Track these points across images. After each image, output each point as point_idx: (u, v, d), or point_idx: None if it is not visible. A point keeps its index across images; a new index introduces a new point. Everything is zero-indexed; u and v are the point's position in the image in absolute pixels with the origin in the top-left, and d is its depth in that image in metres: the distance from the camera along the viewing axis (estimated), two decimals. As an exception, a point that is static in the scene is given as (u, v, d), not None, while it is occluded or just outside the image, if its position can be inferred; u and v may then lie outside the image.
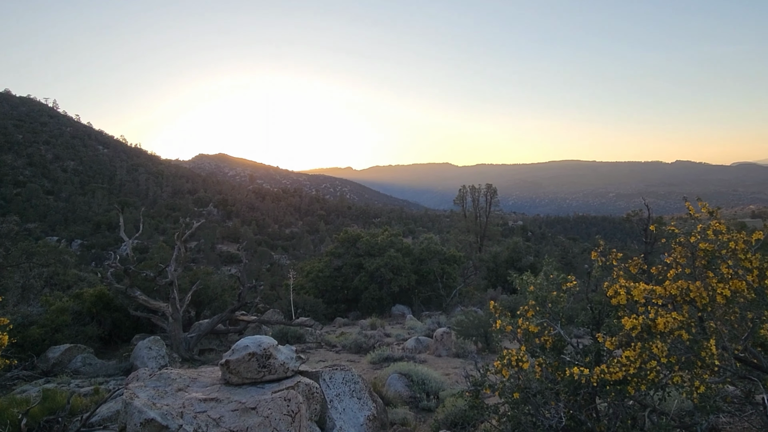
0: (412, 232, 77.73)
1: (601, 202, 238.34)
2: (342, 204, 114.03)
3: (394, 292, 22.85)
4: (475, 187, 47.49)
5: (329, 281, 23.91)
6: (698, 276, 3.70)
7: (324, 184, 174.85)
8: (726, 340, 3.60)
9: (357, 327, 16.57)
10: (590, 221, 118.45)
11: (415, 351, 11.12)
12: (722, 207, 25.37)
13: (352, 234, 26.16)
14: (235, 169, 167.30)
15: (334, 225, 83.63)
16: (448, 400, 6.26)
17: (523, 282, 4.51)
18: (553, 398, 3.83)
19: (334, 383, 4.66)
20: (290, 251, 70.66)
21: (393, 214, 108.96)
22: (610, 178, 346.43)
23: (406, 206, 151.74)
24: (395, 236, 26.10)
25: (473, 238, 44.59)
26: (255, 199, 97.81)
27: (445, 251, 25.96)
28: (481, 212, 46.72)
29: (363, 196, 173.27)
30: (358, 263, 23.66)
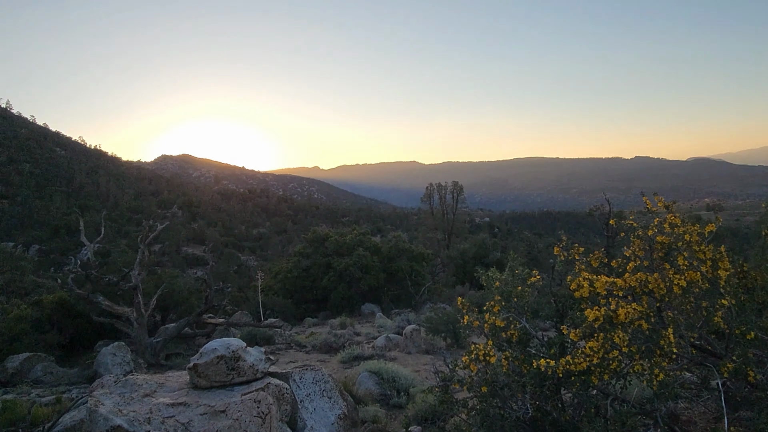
0: (381, 230, 77.80)
1: (564, 197, 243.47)
2: (310, 204, 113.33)
3: (364, 291, 22.87)
4: (442, 184, 47.90)
5: (298, 282, 23.76)
6: (656, 268, 3.83)
7: (291, 184, 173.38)
8: (683, 329, 3.75)
9: (327, 327, 16.53)
10: (554, 217, 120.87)
11: (385, 349, 11.16)
12: (679, 201, 26.54)
13: (321, 234, 26.06)
14: (200, 170, 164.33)
15: (302, 225, 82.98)
16: (419, 396, 6.32)
17: (489, 278, 4.59)
18: (519, 390, 3.92)
19: (305, 383, 4.65)
20: (258, 252, 69.81)
21: (361, 213, 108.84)
22: (573, 174, 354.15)
23: (374, 205, 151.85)
24: (363, 235, 26.11)
25: (441, 236, 44.97)
26: (221, 200, 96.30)
27: (413, 249, 26.11)
28: (448, 210, 47.15)
29: (331, 195, 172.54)
30: (326, 263, 23.58)
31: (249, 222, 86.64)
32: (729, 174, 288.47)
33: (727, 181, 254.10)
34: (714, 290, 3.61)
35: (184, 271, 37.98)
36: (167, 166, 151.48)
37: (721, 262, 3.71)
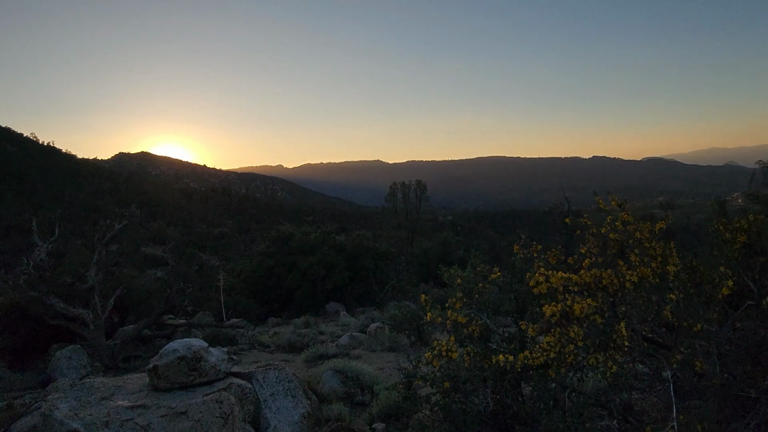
0: (346, 229, 77.51)
1: (526, 196, 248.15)
2: (274, 202, 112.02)
3: (328, 290, 22.80)
4: (406, 183, 48.13)
5: (261, 281, 23.51)
6: (610, 264, 3.98)
7: (255, 183, 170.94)
8: (635, 323, 3.90)
9: (291, 326, 16.42)
10: (516, 215, 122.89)
11: (349, 347, 11.18)
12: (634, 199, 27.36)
13: (284, 233, 25.85)
14: (160, 168, 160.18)
15: (266, 224, 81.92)
16: (383, 393, 6.37)
17: (451, 275, 4.67)
18: (481, 385, 4.01)
19: (268, 383, 4.63)
20: (220, 252, 68.52)
21: (326, 211, 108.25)
22: (534, 173, 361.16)
23: (338, 204, 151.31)
24: (328, 234, 26.03)
25: (405, 234, 45.19)
26: (181, 199, 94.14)
27: (377, 247, 26.18)
28: (412, 208, 47.41)
29: (295, 194, 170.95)
30: (290, 262, 23.40)
31: (211, 221, 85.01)
32: (680, 173, 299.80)
33: (679, 180, 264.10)
34: (663, 285, 3.77)
35: (143, 272, 36.96)
36: (125, 164, 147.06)
37: (670, 258, 3.87)
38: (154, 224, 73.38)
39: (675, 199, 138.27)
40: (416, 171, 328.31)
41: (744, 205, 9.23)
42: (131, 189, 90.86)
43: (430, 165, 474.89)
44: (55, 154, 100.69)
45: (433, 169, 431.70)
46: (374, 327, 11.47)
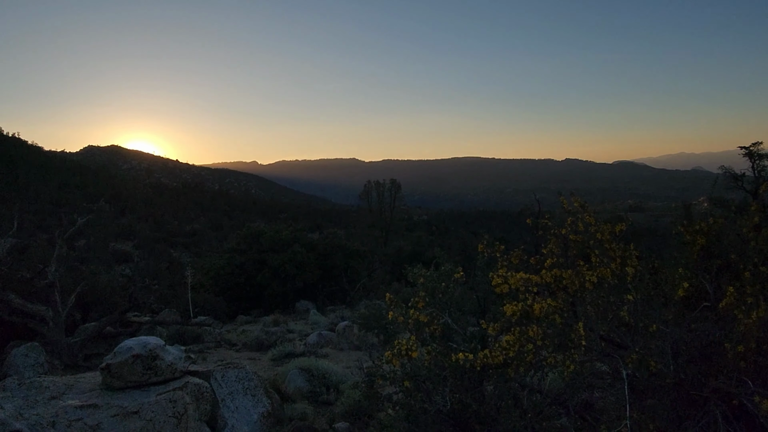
0: (320, 227, 77.22)
1: (499, 197, 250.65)
2: (247, 199, 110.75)
3: (299, 288, 22.63)
4: (381, 182, 48.16)
5: (231, 278, 23.19)
6: (571, 265, 4.01)
7: (228, 179, 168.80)
8: (593, 322, 3.94)
9: (259, 324, 16.24)
10: (490, 215, 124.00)
11: (317, 346, 11.09)
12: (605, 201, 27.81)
13: (255, 230, 25.56)
14: (130, 163, 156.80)
15: (239, 221, 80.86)
16: (347, 392, 6.33)
17: (415, 274, 4.65)
18: (441, 384, 4.00)
19: (227, 382, 4.54)
20: (191, 248, 67.40)
21: (300, 209, 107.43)
22: (508, 174, 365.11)
23: (313, 201, 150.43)
24: (300, 231, 25.84)
25: (379, 233, 45.21)
26: (152, 194, 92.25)
27: (350, 246, 26.11)
28: (386, 207, 47.46)
29: (269, 191, 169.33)
30: (261, 259, 23.15)
31: (182, 217, 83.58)
32: (650, 177, 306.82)
33: (648, 183, 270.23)
34: (622, 286, 3.81)
35: (111, 268, 36.12)
36: (95, 158, 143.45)
37: (629, 259, 3.91)
38: (123, 219, 71.85)
39: (644, 201, 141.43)
40: (392, 170, 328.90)
41: (708, 208, 9.46)
42: (100, 183, 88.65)
43: (406, 164, 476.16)
44: (20, 145, 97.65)
45: (409, 168, 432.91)
46: (343, 326, 11.42)
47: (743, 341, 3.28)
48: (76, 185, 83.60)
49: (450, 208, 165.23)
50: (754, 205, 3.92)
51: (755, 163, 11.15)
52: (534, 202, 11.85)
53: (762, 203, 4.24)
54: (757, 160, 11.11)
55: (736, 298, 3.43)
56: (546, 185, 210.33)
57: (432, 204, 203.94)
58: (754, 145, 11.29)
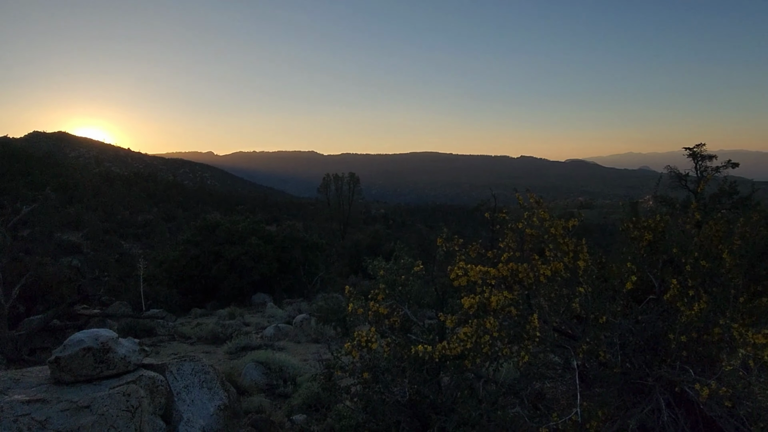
0: (277, 219, 76.35)
1: (456, 192, 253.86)
2: (202, 190, 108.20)
3: (255, 281, 22.37)
4: (339, 175, 48.04)
5: (185, 271, 22.69)
6: (526, 258, 4.13)
7: (183, 169, 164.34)
8: (547, 314, 4.07)
9: (215, 317, 15.97)
10: (447, 210, 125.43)
11: (274, 338, 11.02)
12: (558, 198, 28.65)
13: (211, 221, 25.07)
14: (78, 150, 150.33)
15: (194, 212, 78.98)
16: (305, 384, 6.33)
17: (375, 267, 4.68)
18: (399, 375, 4.06)
19: (182, 375, 4.46)
20: (143, 240, 65.42)
21: (257, 201, 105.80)
22: (465, 170, 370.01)
23: (271, 194, 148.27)
24: (257, 223, 25.51)
25: (337, 226, 45.13)
26: (102, 184, 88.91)
27: (307, 239, 25.96)
28: (345, 200, 47.41)
29: (225, 182, 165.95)
30: (217, 251, 22.74)
31: (134, 208, 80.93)
32: (599, 175, 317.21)
33: (598, 181, 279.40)
34: (573, 279, 3.95)
35: (58, 259, 34.68)
36: (40, 144, 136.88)
37: (581, 253, 4.05)
38: (71, 209, 68.99)
39: (594, 199, 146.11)
40: (351, 164, 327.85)
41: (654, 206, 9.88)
42: (46, 171, 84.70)
43: (365, 158, 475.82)
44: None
45: (368, 162, 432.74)
46: (300, 318, 11.37)
47: (685, 332, 3.47)
48: (19, 172, 79.66)
49: (408, 203, 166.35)
50: (695, 204, 4.13)
51: (698, 163, 11.70)
52: (490, 197, 12.04)
53: (703, 202, 4.47)
54: (699, 160, 11.65)
55: (678, 290, 3.61)
56: (502, 181, 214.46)
57: (390, 198, 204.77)
58: (698, 147, 11.83)
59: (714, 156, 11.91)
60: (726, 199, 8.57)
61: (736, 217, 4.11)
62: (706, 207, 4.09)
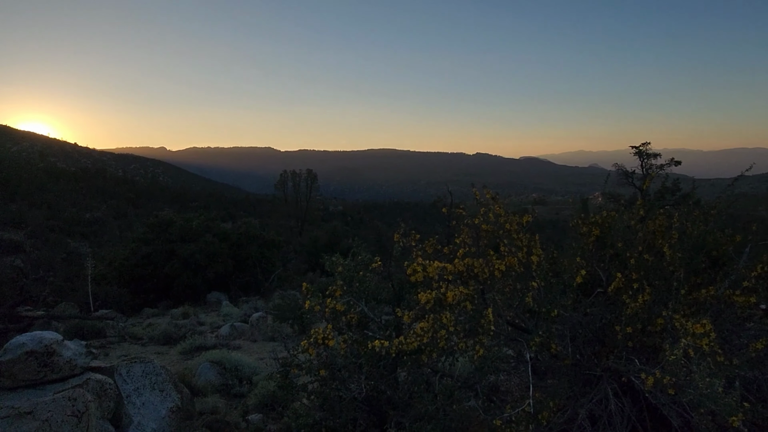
0: (233, 216, 75.07)
1: (413, 188, 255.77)
2: (155, 187, 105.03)
3: (210, 279, 21.93)
4: (297, 172, 47.60)
5: (136, 270, 22.00)
6: (482, 254, 4.20)
7: (133, 165, 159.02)
8: (501, 309, 4.16)
9: (167, 317, 15.56)
10: (404, 207, 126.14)
11: (229, 338, 10.83)
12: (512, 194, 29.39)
13: (164, 218, 24.38)
14: (21, 145, 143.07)
15: (146, 209, 76.62)
16: (261, 383, 6.26)
17: (333, 263, 4.67)
18: (356, 371, 4.06)
19: (132, 377, 4.33)
20: (92, 238, 63.02)
21: (212, 198, 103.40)
22: (422, 166, 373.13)
23: (226, 190, 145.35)
24: (212, 221, 24.99)
25: (294, 223, 44.73)
26: (47, 179, 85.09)
27: (264, 236, 25.63)
28: (302, 197, 47.04)
29: (179, 178, 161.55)
30: (170, 249, 22.15)
31: (81, 205, 77.84)
32: (552, 172, 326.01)
33: (551, 178, 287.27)
34: (527, 274, 4.05)
35: (-3, 259, 32.98)
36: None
37: (534, 248, 4.15)
38: (12, 206, 65.79)
39: (547, 195, 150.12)
40: (308, 160, 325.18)
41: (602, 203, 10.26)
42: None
43: (323, 155, 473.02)
44: None
45: (325, 159, 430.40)
46: (257, 317, 11.21)
47: (630, 323, 3.61)
48: (-46, 167, 75.35)
49: (365, 199, 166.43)
50: (640, 200, 4.30)
51: (644, 161, 12.20)
52: (446, 193, 12.19)
53: (648, 198, 4.66)
54: (645, 158, 12.15)
55: (623, 284, 3.76)
56: (458, 178, 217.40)
57: (348, 195, 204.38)
58: (643, 145, 12.34)
59: (658, 154, 12.46)
60: (669, 196, 8.97)
61: (678, 212, 4.30)
62: (651, 203, 4.26)
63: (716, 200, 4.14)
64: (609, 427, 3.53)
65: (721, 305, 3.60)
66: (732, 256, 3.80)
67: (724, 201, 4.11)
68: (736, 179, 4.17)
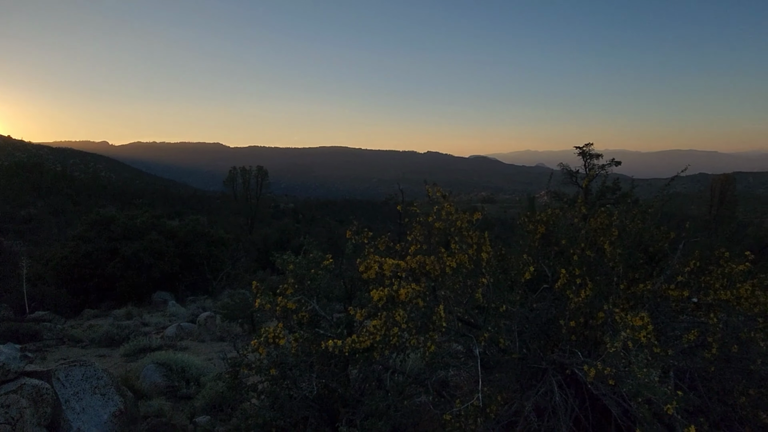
0: (180, 214, 73.03)
1: (365, 186, 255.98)
2: (96, 182, 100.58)
3: (156, 278, 21.24)
4: (247, 168, 46.71)
5: (76, 269, 21.04)
6: (433, 251, 4.25)
7: (73, 160, 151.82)
8: (452, 305, 4.22)
9: (110, 318, 14.99)
10: (356, 204, 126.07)
11: (176, 338, 10.54)
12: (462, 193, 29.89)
13: (106, 216, 23.43)
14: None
15: (86, 206, 73.31)
16: (209, 384, 6.12)
17: (284, 261, 4.61)
18: (307, 370, 4.03)
19: (72, 381, 4.14)
20: (27, 236, 59.80)
21: (158, 194, 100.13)
22: (374, 164, 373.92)
23: (172, 186, 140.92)
24: (158, 218, 24.21)
25: (244, 220, 43.92)
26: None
27: (212, 233, 25.06)
28: (252, 194, 46.20)
29: (122, 174, 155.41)
30: (112, 248, 21.31)
31: (15, 201, 73.67)
32: (501, 171, 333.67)
33: (500, 177, 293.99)
34: (477, 270, 4.13)
35: None
36: None
37: (484, 245, 4.23)
38: (-63, 202, 61.59)
39: (496, 194, 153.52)
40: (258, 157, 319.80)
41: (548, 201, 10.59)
42: None
43: (273, 152, 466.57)
44: None
45: (276, 155, 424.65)
46: (204, 316, 10.96)
47: (574, 317, 3.74)
48: None
49: (317, 197, 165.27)
50: (582, 198, 4.47)
51: (587, 161, 12.66)
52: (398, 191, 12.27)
53: (590, 197, 4.85)
54: (588, 158, 12.61)
55: (567, 279, 3.89)
56: (409, 176, 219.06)
57: (299, 192, 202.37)
58: (587, 146, 12.79)
59: (600, 155, 12.96)
60: (610, 195, 9.36)
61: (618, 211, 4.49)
62: (593, 202, 4.44)
63: (653, 199, 4.34)
64: (554, 419, 3.65)
65: (657, 299, 3.78)
66: (667, 252, 4.00)
67: (660, 200, 4.31)
68: (672, 180, 4.39)
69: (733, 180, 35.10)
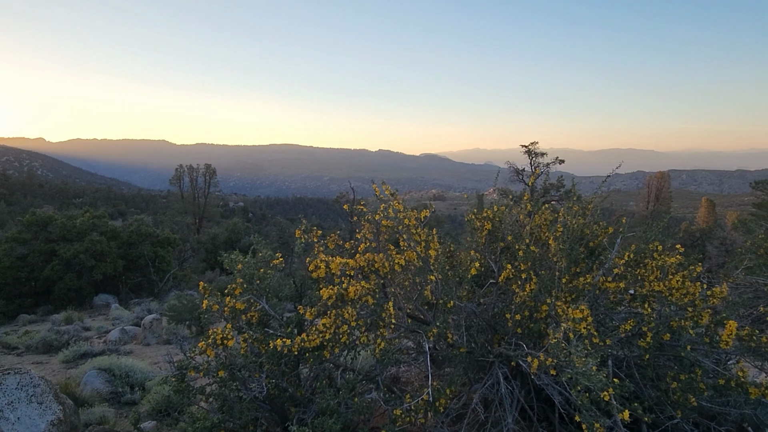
0: (123, 213, 70.39)
1: (316, 185, 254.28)
2: (31, 181, 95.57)
3: (97, 281, 20.42)
4: (194, 167, 45.48)
5: (10, 273, 19.96)
6: (382, 249, 4.29)
7: (6, 157, 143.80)
8: (401, 302, 4.27)
9: (47, 323, 14.30)
10: (307, 203, 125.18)
11: (119, 343, 10.17)
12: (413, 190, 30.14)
13: (42, 216, 22.30)
14: None
15: (21, 206, 69.60)
16: (154, 389, 5.95)
17: (232, 261, 4.54)
18: (257, 371, 3.99)
19: (5, 390, 3.93)
20: (-47, 238, 56.35)
21: (99, 193, 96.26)
22: (325, 163, 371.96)
23: (115, 185, 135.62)
24: (99, 218, 23.25)
25: (191, 220, 42.79)
26: None
27: (158, 233, 24.29)
28: (200, 193, 45.05)
29: (60, 172, 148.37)
30: (50, 250, 20.33)
31: (-60, 201, 69.12)
32: (451, 169, 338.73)
33: (450, 175, 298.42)
34: (425, 267, 4.19)
35: None
36: None
37: (432, 243, 4.30)
38: None
39: (446, 191, 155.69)
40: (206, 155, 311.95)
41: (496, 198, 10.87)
42: None
43: (221, 149, 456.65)
44: None
45: (224, 153, 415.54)
46: (150, 319, 10.61)
47: (519, 311, 3.86)
48: None
49: (267, 195, 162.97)
50: (527, 195, 4.61)
51: (532, 159, 13.05)
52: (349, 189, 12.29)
53: (535, 194, 5.00)
54: (534, 157, 13.00)
55: (513, 274, 4.01)
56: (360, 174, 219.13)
57: (249, 191, 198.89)
58: (532, 144, 13.18)
59: (545, 153, 13.38)
60: (554, 192, 9.68)
61: (560, 207, 4.66)
62: (537, 198, 4.58)
63: (593, 195, 4.52)
64: (500, 410, 3.76)
65: (596, 291, 3.95)
66: (606, 247, 4.18)
67: (600, 196, 4.50)
68: (608, 176, 4.59)
69: (668, 177, 37.02)
